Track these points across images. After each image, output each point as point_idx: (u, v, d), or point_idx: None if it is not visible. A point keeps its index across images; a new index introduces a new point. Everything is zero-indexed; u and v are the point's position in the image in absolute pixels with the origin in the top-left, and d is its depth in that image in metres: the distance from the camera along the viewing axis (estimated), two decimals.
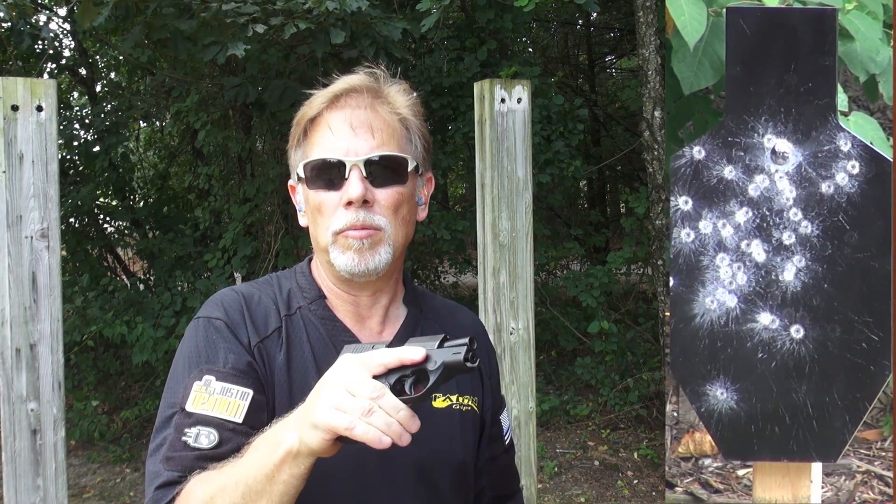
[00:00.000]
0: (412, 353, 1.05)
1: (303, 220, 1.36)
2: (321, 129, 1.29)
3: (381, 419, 1.00)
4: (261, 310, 1.31)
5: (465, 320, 1.49)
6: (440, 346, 1.08)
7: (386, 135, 1.29)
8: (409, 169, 1.31)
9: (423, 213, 1.38)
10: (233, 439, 1.19)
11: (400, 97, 1.34)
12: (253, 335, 1.28)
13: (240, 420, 1.21)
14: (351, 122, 1.27)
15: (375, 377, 1.04)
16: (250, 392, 1.23)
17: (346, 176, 1.25)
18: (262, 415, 1.23)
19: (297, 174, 1.32)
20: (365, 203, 1.25)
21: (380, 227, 1.27)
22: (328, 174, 1.27)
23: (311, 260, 1.40)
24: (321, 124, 1.29)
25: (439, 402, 1.35)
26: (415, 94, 1.37)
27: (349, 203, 1.25)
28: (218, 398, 1.21)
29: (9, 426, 2.63)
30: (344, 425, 1.00)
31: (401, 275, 1.41)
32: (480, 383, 1.44)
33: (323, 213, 1.28)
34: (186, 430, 1.21)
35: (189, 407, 1.22)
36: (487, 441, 1.46)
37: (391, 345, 1.32)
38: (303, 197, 1.34)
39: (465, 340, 1.07)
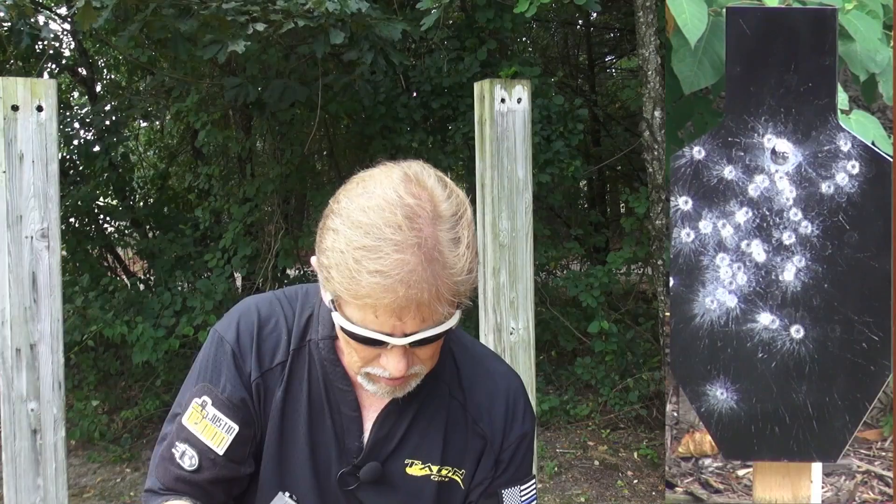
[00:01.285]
0: None
1: (323, 294, 1.22)
2: (365, 309, 1.12)
3: None
4: (272, 339, 1.29)
5: (481, 385, 1.35)
6: None
7: (435, 307, 1.12)
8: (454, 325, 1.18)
9: None
10: (211, 468, 1.26)
11: (461, 264, 1.11)
12: (255, 368, 1.28)
13: (221, 452, 1.25)
14: (401, 311, 1.10)
15: None
16: (236, 428, 1.26)
17: (388, 347, 1.15)
18: (244, 448, 1.27)
19: (332, 304, 1.18)
20: None
21: (416, 374, 1.21)
22: (367, 339, 1.16)
23: None
24: (366, 305, 1.11)
25: (416, 469, 1.29)
26: (472, 230, 1.15)
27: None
28: (208, 424, 1.26)
29: (9, 426, 2.63)
30: None
31: None
32: (480, 456, 1.33)
33: (356, 353, 1.19)
34: (178, 442, 1.27)
35: (185, 421, 1.28)
36: None
37: (387, 406, 1.28)
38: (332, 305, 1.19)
39: None
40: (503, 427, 1.33)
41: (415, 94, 6.54)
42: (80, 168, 7.18)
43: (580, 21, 9.85)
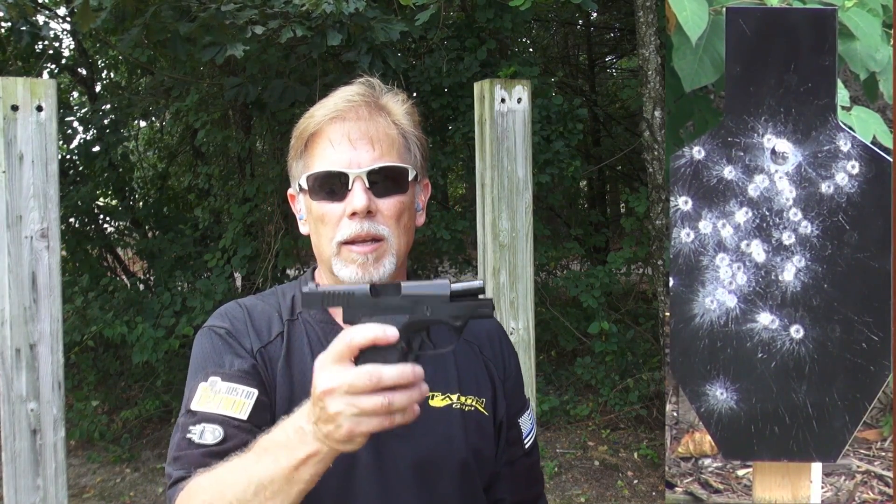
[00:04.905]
0: (385, 331, 1.02)
1: (304, 229, 1.39)
2: (322, 143, 1.31)
3: (401, 399, 0.99)
4: (264, 318, 1.36)
5: (482, 322, 1.47)
6: (454, 298, 1.07)
7: (386, 146, 1.32)
8: (410, 179, 1.34)
9: (421, 219, 1.41)
10: (237, 436, 1.22)
11: (397, 107, 1.37)
12: (255, 341, 1.32)
13: (244, 417, 1.23)
14: (350, 134, 1.30)
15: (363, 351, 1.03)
16: (255, 392, 1.26)
17: (350, 187, 1.28)
18: (265, 414, 1.26)
19: (299, 185, 1.36)
20: (368, 213, 1.28)
21: (383, 236, 1.29)
22: (331, 185, 1.30)
23: (315, 269, 1.44)
24: (322, 137, 1.32)
25: (437, 402, 1.34)
26: (411, 103, 1.40)
27: (353, 214, 1.28)
28: (224, 397, 1.25)
29: (9, 426, 2.63)
30: (382, 426, 1.00)
31: (404, 279, 1.41)
32: (490, 385, 1.43)
33: (326, 224, 1.31)
34: (191, 427, 1.23)
35: (194, 406, 1.25)
36: (504, 445, 1.45)
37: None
38: (304, 206, 1.37)
39: (479, 284, 1.06)
40: (502, 358, 1.47)
41: (415, 94, 6.54)
42: (80, 168, 7.18)
43: (580, 21, 9.84)
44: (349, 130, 1.30)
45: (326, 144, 1.31)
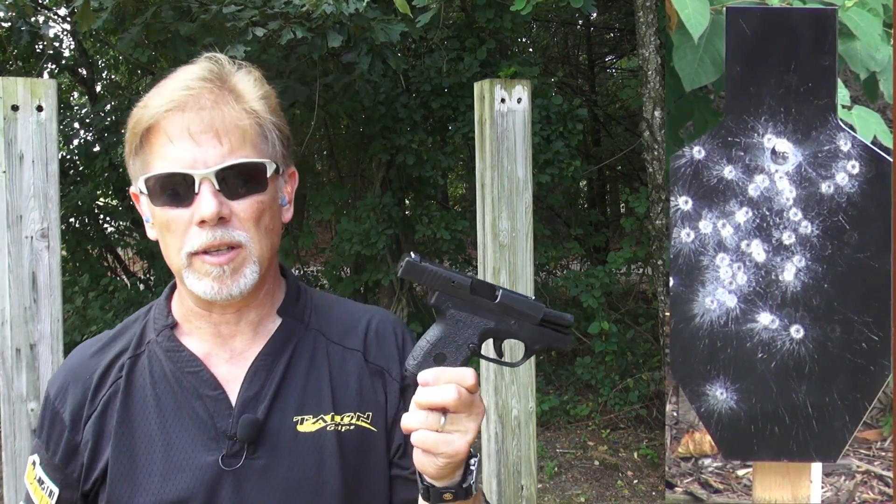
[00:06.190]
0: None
1: (151, 234, 1.20)
2: (159, 139, 1.12)
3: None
4: (102, 364, 1.24)
5: (360, 322, 1.29)
6: (543, 321, 1.13)
7: (236, 138, 1.12)
8: (269, 174, 1.15)
9: (288, 215, 1.23)
10: None
11: (250, 90, 1.17)
12: (87, 400, 1.22)
13: None
14: (191, 128, 1.10)
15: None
16: (57, 491, 1.22)
17: (197, 191, 1.10)
18: None
19: (139, 188, 1.16)
20: (221, 220, 1.11)
21: (240, 243, 1.13)
22: (174, 188, 1.11)
23: (174, 287, 1.28)
24: (158, 132, 1.12)
25: (307, 426, 1.19)
26: (265, 83, 1.22)
27: (202, 222, 1.10)
28: (36, 486, 1.24)
29: (9, 426, 2.63)
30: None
31: (275, 284, 1.26)
32: (382, 393, 1.24)
33: (173, 232, 1.13)
34: (21, 502, 1.28)
35: (25, 477, 1.28)
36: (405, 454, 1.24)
37: (254, 363, 1.20)
38: (148, 210, 1.18)
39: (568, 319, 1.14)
40: (398, 356, 1.27)
41: (414, 95, 6.54)
42: (80, 168, 7.18)
43: (580, 21, 9.84)
44: (189, 123, 1.10)
45: (164, 141, 1.11)
